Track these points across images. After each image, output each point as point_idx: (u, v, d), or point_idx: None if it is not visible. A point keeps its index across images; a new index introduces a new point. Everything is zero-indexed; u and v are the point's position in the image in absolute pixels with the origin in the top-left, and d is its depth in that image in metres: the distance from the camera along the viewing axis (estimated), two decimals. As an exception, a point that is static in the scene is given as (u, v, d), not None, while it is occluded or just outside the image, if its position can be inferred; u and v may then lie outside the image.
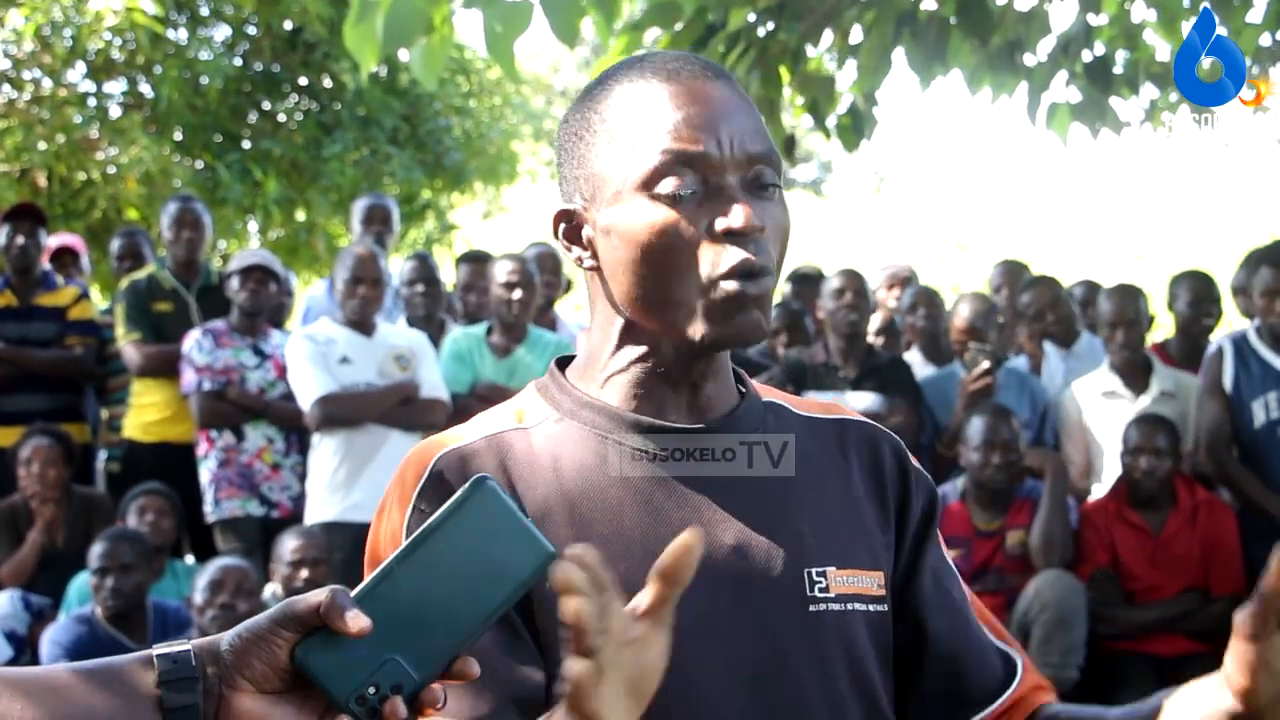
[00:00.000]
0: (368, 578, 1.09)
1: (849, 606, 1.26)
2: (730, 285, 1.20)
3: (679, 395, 1.28)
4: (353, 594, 1.07)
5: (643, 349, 1.28)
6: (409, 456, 1.29)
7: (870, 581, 1.29)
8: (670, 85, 1.24)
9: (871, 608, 1.28)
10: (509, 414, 1.32)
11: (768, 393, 1.38)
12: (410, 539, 1.09)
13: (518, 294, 4.89)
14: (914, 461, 1.38)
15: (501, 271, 4.97)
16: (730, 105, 1.23)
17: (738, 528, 1.25)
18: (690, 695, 1.19)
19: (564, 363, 1.36)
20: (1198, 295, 5.04)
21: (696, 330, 1.22)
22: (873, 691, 1.28)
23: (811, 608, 1.25)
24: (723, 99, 1.23)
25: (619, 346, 1.29)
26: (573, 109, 1.31)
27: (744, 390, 1.34)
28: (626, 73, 1.28)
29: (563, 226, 1.30)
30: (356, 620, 1.04)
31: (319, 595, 1.06)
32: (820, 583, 1.25)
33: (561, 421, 1.29)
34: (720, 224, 1.20)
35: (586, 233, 1.28)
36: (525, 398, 1.34)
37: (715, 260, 1.21)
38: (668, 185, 1.21)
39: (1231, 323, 6.01)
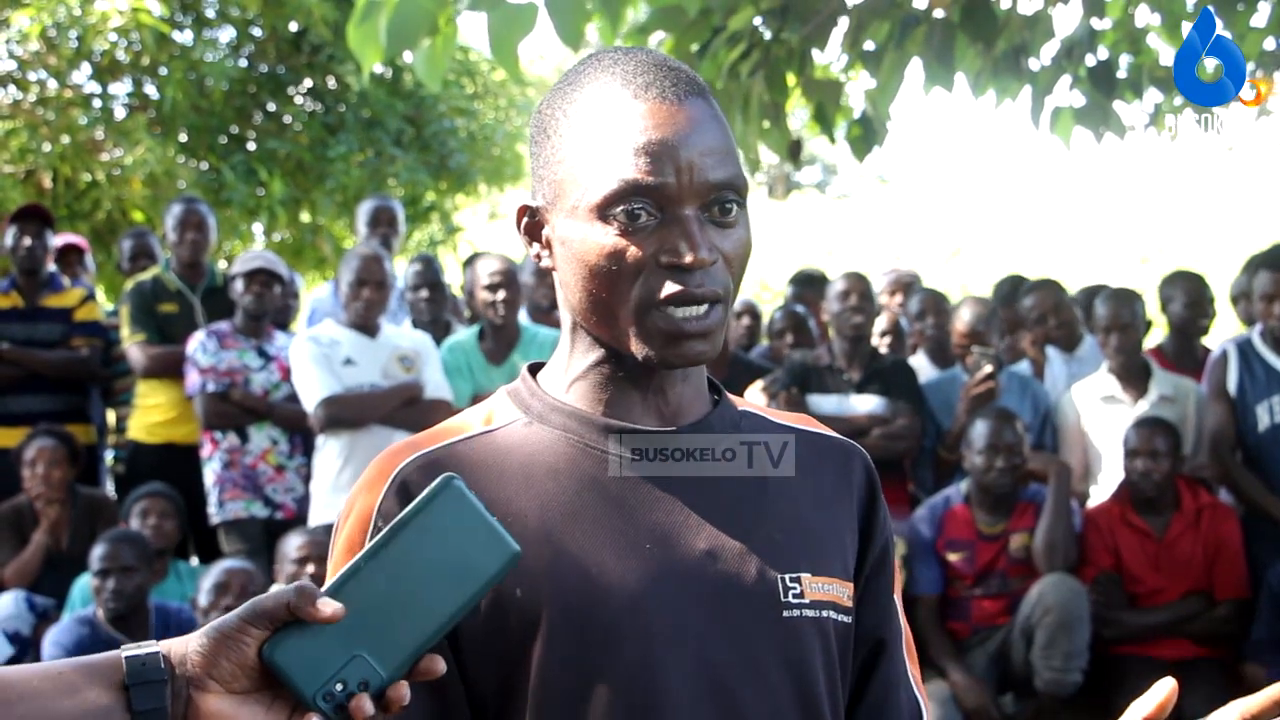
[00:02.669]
0: (334, 574, 1.10)
1: (823, 614, 1.25)
2: (665, 314, 1.20)
3: (646, 399, 1.28)
4: (321, 590, 1.07)
5: (601, 353, 1.28)
6: (372, 465, 1.27)
7: (842, 591, 1.28)
8: (639, 104, 1.21)
9: (841, 618, 1.28)
10: (478, 418, 1.31)
11: (743, 404, 1.37)
12: (378, 537, 1.09)
13: (501, 295, 4.84)
14: (880, 487, 1.37)
15: (484, 273, 4.89)
16: (697, 129, 1.21)
17: (711, 532, 1.23)
18: (661, 703, 1.18)
19: (539, 368, 1.35)
20: (1192, 297, 5.03)
21: (640, 351, 1.22)
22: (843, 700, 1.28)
23: (785, 613, 1.23)
24: (690, 123, 1.21)
25: (576, 348, 1.30)
26: (548, 97, 1.29)
27: (718, 399, 1.33)
28: (600, 73, 1.25)
29: (525, 221, 1.29)
30: (328, 604, 1.04)
31: (287, 592, 1.06)
32: (794, 588, 1.24)
33: (530, 425, 1.28)
34: (666, 258, 1.20)
35: (546, 233, 1.27)
36: (495, 400, 1.33)
37: (654, 286, 1.20)
38: (621, 212, 1.20)
39: (1234, 324, 6.00)
